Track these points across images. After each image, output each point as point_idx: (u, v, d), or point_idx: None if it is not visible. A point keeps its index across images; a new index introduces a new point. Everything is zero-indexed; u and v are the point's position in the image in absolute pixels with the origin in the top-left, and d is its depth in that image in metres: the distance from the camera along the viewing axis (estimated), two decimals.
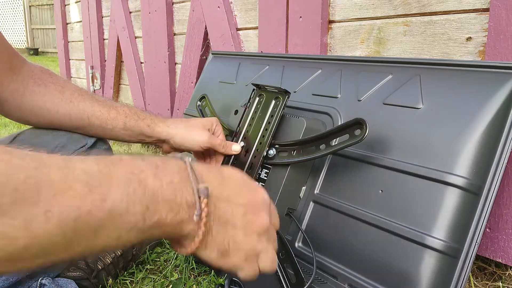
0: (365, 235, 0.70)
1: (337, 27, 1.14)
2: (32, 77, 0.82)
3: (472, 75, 0.71)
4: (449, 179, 0.65)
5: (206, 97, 1.05)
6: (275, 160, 0.83)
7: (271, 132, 0.83)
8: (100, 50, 2.63)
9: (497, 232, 0.80)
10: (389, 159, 0.72)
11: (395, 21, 1.00)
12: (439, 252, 0.63)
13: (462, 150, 0.66)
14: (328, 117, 0.85)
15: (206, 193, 0.42)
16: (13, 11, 11.25)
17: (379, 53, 1.04)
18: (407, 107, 0.75)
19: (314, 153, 0.78)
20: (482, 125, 0.66)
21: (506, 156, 0.65)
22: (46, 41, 10.69)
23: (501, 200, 0.79)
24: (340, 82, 0.88)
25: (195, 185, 0.42)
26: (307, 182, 0.82)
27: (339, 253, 0.73)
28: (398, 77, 0.80)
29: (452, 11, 0.89)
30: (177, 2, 1.83)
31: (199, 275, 0.88)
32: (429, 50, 0.94)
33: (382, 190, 0.71)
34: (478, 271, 0.90)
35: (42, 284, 0.73)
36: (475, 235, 0.63)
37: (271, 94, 0.87)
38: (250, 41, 1.43)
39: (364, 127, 0.70)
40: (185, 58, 1.74)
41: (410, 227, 0.66)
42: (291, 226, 0.82)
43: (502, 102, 0.66)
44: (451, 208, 0.64)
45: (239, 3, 1.46)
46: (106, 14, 2.53)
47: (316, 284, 0.73)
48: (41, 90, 0.81)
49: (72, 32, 3.13)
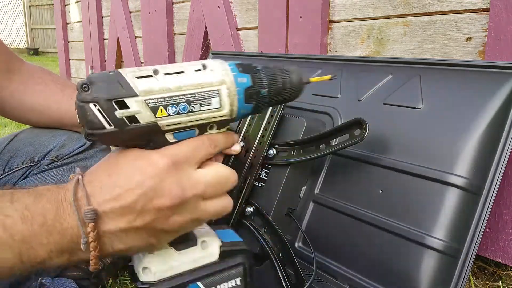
0: (365, 235, 0.70)
1: (337, 27, 1.13)
2: (32, 76, 0.82)
3: (472, 75, 0.71)
4: (449, 179, 0.65)
5: None
6: (275, 160, 0.83)
7: (271, 132, 0.83)
8: (100, 50, 2.63)
9: (497, 232, 0.80)
10: (389, 159, 0.72)
11: (395, 21, 1.00)
12: (439, 252, 0.63)
13: (462, 150, 0.66)
14: (328, 117, 0.85)
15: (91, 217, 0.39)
16: (13, 11, 11.26)
17: (379, 53, 1.04)
18: (407, 107, 0.75)
19: (314, 153, 0.78)
20: (482, 125, 0.66)
21: (506, 156, 0.65)
22: (46, 41, 10.69)
23: (501, 200, 0.79)
24: (340, 82, 0.88)
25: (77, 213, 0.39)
26: (307, 182, 0.82)
27: (339, 253, 0.73)
28: (398, 77, 0.80)
29: (452, 11, 0.89)
30: (177, 2, 1.83)
31: None
32: (429, 50, 0.94)
33: (382, 190, 0.71)
34: (478, 271, 0.90)
35: (42, 284, 0.73)
36: (475, 235, 0.63)
37: None
38: (250, 41, 1.43)
39: (364, 127, 0.69)
40: (185, 58, 1.74)
41: (410, 227, 0.66)
42: (291, 226, 0.82)
43: (502, 102, 0.66)
44: (451, 208, 0.64)
45: (239, 3, 1.46)
46: (106, 14, 2.53)
47: (316, 284, 0.73)
48: (42, 88, 0.82)
49: (72, 32, 3.13)
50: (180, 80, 0.43)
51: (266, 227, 0.80)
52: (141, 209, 0.41)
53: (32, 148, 0.81)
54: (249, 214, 0.82)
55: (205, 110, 0.44)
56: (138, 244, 0.43)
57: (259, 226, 0.81)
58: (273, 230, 0.79)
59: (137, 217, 0.41)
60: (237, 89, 0.45)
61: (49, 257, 0.39)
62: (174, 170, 0.42)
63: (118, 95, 0.40)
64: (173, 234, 0.45)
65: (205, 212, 0.45)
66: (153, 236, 0.43)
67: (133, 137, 0.43)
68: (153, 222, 0.42)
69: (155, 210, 0.41)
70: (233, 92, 0.45)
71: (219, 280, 0.49)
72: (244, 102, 0.46)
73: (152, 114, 0.42)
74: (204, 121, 0.45)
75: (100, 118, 0.40)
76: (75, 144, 0.83)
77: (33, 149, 0.81)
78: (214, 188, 0.45)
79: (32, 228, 0.38)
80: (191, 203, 0.43)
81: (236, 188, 0.84)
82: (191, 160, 0.44)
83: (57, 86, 0.83)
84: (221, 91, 0.44)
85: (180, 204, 0.42)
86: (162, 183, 0.41)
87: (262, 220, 0.81)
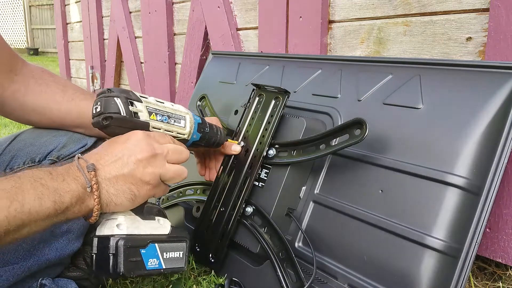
0: (365, 235, 0.71)
1: (337, 27, 1.14)
2: (33, 77, 0.82)
3: (472, 75, 0.71)
4: (449, 179, 0.65)
5: (206, 97, 1.05)
6: (275, 160, 0.83)
7: (271, 132, 0.83)
8: (100, 50, 2.63)
9: (497, 232, 0.80)
10: (389, 159, 0.72)
11: (395, 21, 1.00)
12: (439, 252, 0.63)
13: (462, 150, 0.66)
14: (328, 117, 0.85)
15: (92, 168, 0.57)
16: (13, 11, 11.25)
17: (379, 53, 1.04)
18: (407, 107, 0.75)
19: (314, 153, 0.78)
20: (482, 125, 0.66)
21: (506, 156, 0.65)
22: (46, 41, 10.69)
23: (501, 200, 0.79)
24: (340, 82, 0.88)
25: (81, 168, 0.57)
26: (307, 182, 0.82)
27: (339, 253, 0.73)
28: (398, 77, 0.80)
29: (452, 11, 0.89)
30: (177, 2, 1.83)
31: (199, 275, 0.88)
32: (429, 50, 0.94)
33: (382, 190, 0.71)
34: (478, 271, 0.90)
35: (42, 284, 0.73)
36: (475, 235, 0.63)
37: (271, 94, 0.87)
38: (250, 41, 1.43)
39: (364, 127, 0.70)
40: (185, 58, 1.74)
41: (410, 227, 0.66)
42: (291, 226, 0.82)
43: (502, 102, 0.66)
44: (451, 208, 0.64)
45: (239, 3, 1.46)
46: (106, 14, 2.53)
47: (316, 284, 0.73)
48: (43, 89, 0.82)
49: (72, 32, 3.14)
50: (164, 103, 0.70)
51: (266, 227, 0.80)
52: (126, 161, 0.60)
53: (33, 149, 0.81)
54: (249, 214, 0.83)
55: (176, 125, 0.71)
56: (124, 190, 0.59)
57: (259, 226, 0.81)
58: (273, 230, 0.79)
59: (123, 166, 0.59)
60: (194, 120, 0.74)
61: (71, 203, 0.55)
62: (148, 138, 0.63)
63: (131, 98, 0.64)
64: (147, 186, 0.61)
65: (168, 170, 0.63)
66: (134, 185, 0.60)
67: (132, 127, 0.63)
68: (134, 170, 0.60)
69: (136, 161, 0.60)
70: (192, 121, 0.73)
71: (169, 248, 0.66)
72: (196, 131, 0.74)
73: (148, 116, 0.66)
74: (172, 133, 0.70)
75: (119, 106, 0.62)
76: (76, 144, 0.83)
77: (34, 149, 0.81)
78: (174, 155, 0.65)
79: (57, 182, 0.55)
80: (159, 159, 0.62)
81: (236, 188, 0.84)
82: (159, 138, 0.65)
83: (58, 87, 0.83)
84: (186, 117, 0.73)
85: (151, 157, 0.61)
86: (140, 144, 0.61)
87: (262, 220, 0.81)
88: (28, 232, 0.53)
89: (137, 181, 0.60)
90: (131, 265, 0.60)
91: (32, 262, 0.71)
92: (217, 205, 0.86)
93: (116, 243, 0.59)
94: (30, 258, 0.71)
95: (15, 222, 0.50)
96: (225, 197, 0.86)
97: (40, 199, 0.52)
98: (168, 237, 0.67)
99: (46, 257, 0.73)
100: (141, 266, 0.62)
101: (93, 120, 0.63)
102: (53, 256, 0.74)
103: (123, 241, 0.60)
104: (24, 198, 0.51)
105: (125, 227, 0.61)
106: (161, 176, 0.63)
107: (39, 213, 0.52)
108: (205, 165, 0.91)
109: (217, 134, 0.80)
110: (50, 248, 0.74)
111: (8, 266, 0.69)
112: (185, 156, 0.67)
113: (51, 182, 0.54)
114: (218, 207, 0.86)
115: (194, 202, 0.97)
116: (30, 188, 0.52)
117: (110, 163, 0.59)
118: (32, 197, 0.52)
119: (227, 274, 0.84)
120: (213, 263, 0.85)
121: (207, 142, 0.78)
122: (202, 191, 0.97)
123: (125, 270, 0.59)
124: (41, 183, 0.53)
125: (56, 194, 0.54)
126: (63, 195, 0.54)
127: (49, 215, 0.53)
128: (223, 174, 0.87)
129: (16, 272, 0.69)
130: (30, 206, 0.51)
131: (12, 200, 0.50)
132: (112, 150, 0.61)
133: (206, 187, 0.95)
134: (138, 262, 0.62)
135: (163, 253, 0.65)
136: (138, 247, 0.62)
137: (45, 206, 0.52)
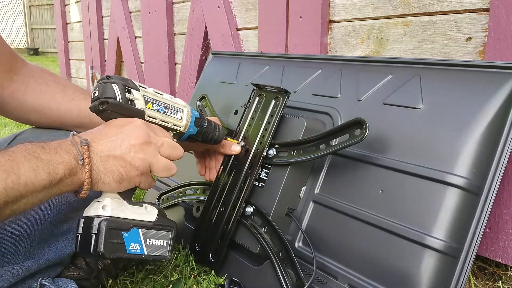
0: (365, 235, 0.71)
1: (337, 27, 1.14)
2: (33, 76, 0.82)
3: (472, 75, 0.71)
4: (449, 179, 0.65)
5: (206, 97, 1.05)
6: (275, 160, 0.83)
7: (271, 132, 0.83)
8: (100, 50, 2.63)
9: (497, 232, 0.80)
10: (389, 159, 0.72)
11: (395, 21, 1.00)
12: (439, 252, 0.63)
13: (462, 150, 0.66)
14: (328, 117, 0.85)
15: (85, 142, 0.59)
16: (13, 11, 11.25)
17: (379, 53, 1.04)
18: (407, 107, 0.75)
19: (314, 153, 0.78)
20: (482, 125, 0.66)
21: (506, 156, 0.65)
22: (46, 41, 10.69)
23: (501, 200, 0.79)
24: (340, 82, 0.88)
25: (74, 143, 0.59)
26: (307, 182, 0.82)
27: (339, 253, 0.73)
28: (398, 77, 0.80)
29: (452, 11, 0.89)
30: (177, 2, 1.83)
31: (199, 275, 0.88)
32: (429, 50, 0.94)
33: (382, 190, 0.71)
34: (478, 271, 0.90)
35: (42, 284, 0.73)
36: (475, 235, 0.63)
37: (271, 94, 0.87)
38: (250, 41, 1.43)
39: (364, 127, 0.70)
40: (185, 58, 1.74)
41: (410, 227, 0.66)
42: (291, 226, 0.82)
43: (502, 102, 0.66)
44: (451, 208, 0.64)
45: (239, 3, 1.46)
46: (106, 14, 2.53)
47: (316, 284, 0.73)
48: (43, 89, 0.82)
49: (72, 32, 3.14)
50: (162, 95, 0.70)
51: (266, 227, 0.80)
52: (119, 144, 0.61)
53: None
54: (249, 214, 0.82)
55: (173, 116, 0.70)
56: (113, 170, 0.60)
57: (259, 226, 0.81)
58: (273, 230, 0.79)
59: (116, 148, 0.61)
60: (192, 113, 0.74)
61: (64, 174, 0.56)
62: (146, 127, 0.64)
63: (128, 85, 0.64)
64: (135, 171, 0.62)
65: (158, 161, 0.64)
66: (123, 167, 0.61)
67: (127, 113, 0.64)
68: (125, 154, 0.61)
69: (129, 145, 0.61)
70: (189, 114, 0.73)
71: (153, 235, 0.67)
72: (193, 125, 0.74)
73: (144, 104, 0.66)
74: (168, 124, 0.70)
75: (116, 92, 0.63)
76: None
77: None
78: (167, 149, 0.66)
79: (50, 155, 0.56)
80: (152, 148, 0.63)
81: (236, 188, 0.84)
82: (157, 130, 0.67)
83: (58, 86, 0.83)
84: (184, 110, 0.72)
85: (144, 144, 0.62)
86: (137, 131, 0.62)
87: (262, 220, 0.81)
88: (25, 204, 0.54)
89: (126, 164, 0.61)
90: (111, 247, 0.61)
91: (32, 262, 0.71)
92: (217, 205, 0.86)
93: (98, 224, 0.60)
94: (30, 258, 0.71)
95: (13, 194, 0.52)
96: (225, 197, 0.86)
97: (35, 171, 0.54)
98: (153, 224, 0.67)
99: (46, 257, 0.73)
100: (121, 249, 0.62)
101: (91, 104, 0.64)
102: (53, 256, 0.74)
103: (106, 222, 0.61)
104: (19, 170, 0.53)
105: (110, 209, 0.62)
106: (150, 165, 0.64)
107: (35, 184, 0.54)
108: (205, 165, 0.91)
109: (215, 130, 0.79)
110: (50, 248, 0.74)
111: (8, 266, 0.69)
112: (179, 153, 0.68)
113: (44, 155, 0.56)
114: (218, 207, 0.86)
115: (194, 202, 0.97)
116: (24, 160, 0.54)
117: (103, 142, 0.61)
118: (27, 169, 0.53)
119: (227, 274, 0.84)
120: (213, 263, 0.85)
121: (204, 137, 0.77)
122: (202, 191, 0.97)
123: (105, 250, 0.60)
124: (34, 156, 0.55)
125: (50, 166, 0.55)
126: (57, 167, 0.56)
127: (45, 186, 0.55)
128: (223, 174, 0.87)
129: (16, 272, 0.69)
130: (26, 177, 0.53)
131: (9, 172, 0.52)
132: (107, 131, 0.62)
133: (206, 187, 0.95)
134: (120, 244, 0.62)
135: (146, 239, 0.65)
136: (120, 230, 0.62)
137: (40, 177, 0.54)
